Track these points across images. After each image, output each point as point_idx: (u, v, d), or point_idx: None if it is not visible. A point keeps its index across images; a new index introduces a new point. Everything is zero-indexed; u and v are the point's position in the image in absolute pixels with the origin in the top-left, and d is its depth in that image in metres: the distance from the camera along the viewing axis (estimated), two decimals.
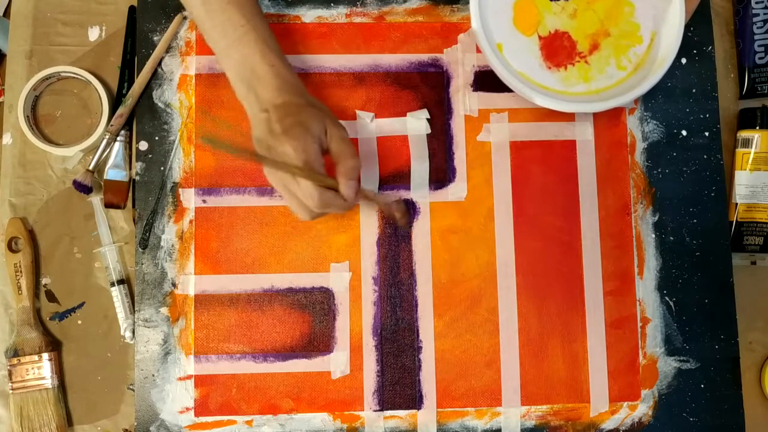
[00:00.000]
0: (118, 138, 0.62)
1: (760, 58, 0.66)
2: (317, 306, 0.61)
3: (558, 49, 0.61)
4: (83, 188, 0.61)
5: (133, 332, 0.60)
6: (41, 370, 0.60)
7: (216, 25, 0.55)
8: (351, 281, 0.61)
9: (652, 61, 0.60)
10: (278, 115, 0.53)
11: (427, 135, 0.63)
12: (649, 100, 0.64)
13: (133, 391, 0.60)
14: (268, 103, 0.54)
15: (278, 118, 0.53)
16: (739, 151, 0.65)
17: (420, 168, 0.63)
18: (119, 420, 0.61)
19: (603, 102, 0.59)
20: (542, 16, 0.61)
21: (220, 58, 0.56)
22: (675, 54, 0.59)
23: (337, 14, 0.64)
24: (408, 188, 0.63)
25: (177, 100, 0.63)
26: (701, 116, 0.64)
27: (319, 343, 0.61)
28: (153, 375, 0.60)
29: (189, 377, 0.60)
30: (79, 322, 0.62)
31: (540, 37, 0.61)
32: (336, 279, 0.61)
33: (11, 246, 0.61)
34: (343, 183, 0.53)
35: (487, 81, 0.64)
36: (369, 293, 0.61)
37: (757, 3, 0.66)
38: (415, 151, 0.63)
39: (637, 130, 0.64)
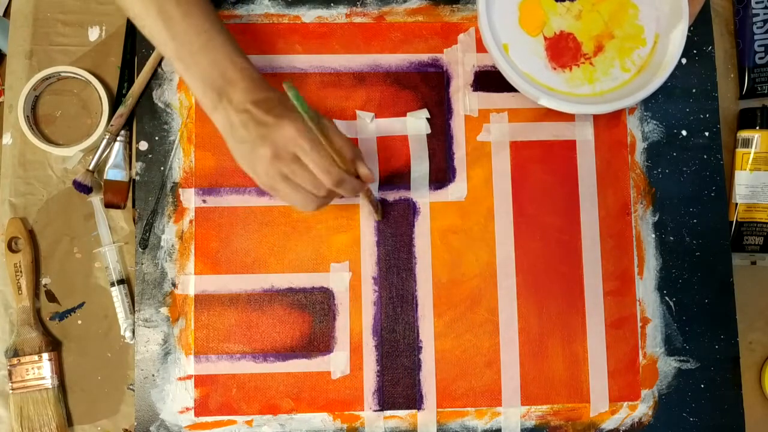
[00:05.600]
0: (118, 138, 0.62)
1: (760, 58, 0.66)
2: (317, 306, 0.61)
3: (563, 50, 0.61)
4: (83, 188, 0.61)
5: (133, 332, 0.60)
6: (41, 370, 0.60)
7: (177, 34, 0.52)
8: (351, 281, 0.61)
9: (656, 63, 0.60)
10: (265, 107, 0.51)
11: (427, 135, 0.63)
12: (649, 100, 0.64)
13: (133, 391, 0.60)
14: (247, 102, 0.51)
15: (266, 110, 0.51)
16: (739, 151, 0.65)
17: (420, 168, 0.63)
18: (119, 420, 0.61)
19: (608, 104, 0.59)
20: (548, 17, 0.61)
21: (184, 68, 0.53)
22: (678, 57, 0.59)
23: (337, 14, 0.64)
24: (408, 188, 0.63)
25: (177, 100, 0.63)
26: (701, 116, 0.64)
27: (319, 343, 0.61)
28: (153, 375, 0.60)
29: (189, 377, 0.60)
30: (79, 322, 0.62)
31: (545, 38, 0.61)
32: (336, 279, 0.61)
33: (11, 246, 0.61)
34: (360, 164, 0.53)
35: (487, 81, 0.64)
36: (369, 293, 0.61)
37: (757, 3, 0.66)
38: (415, 151, 0.63)
39: (637, 130, 0.64)
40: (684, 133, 0.64)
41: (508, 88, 0.62)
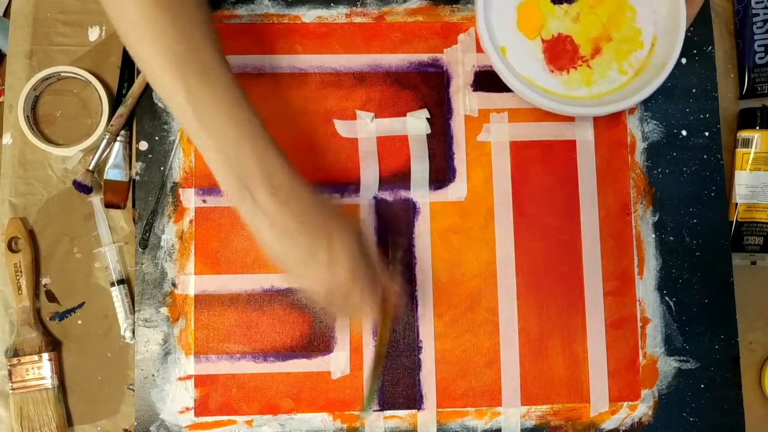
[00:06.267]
0: (118, 138, 0.62)
1: (760, 58, 0.66)
2: (317, 306, 0.61)
3: (561, 53, 0.61)
4: (83, 188, 0.61)
5: (133, 332, 0.60)
6: (41, 370, 0.60)
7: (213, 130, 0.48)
8: None
9: (653, 66, 0.60)
10: (310, 224, 0.49)
11: (427, 135, 0.63)
12: (649, 100, 0.64)
13: (133, 391, 0.60)
14: (294, 219, 0.49)
15: (313, 227, 0.49)
16: (739, 151, 0.65)
17: (420, 168, 0.63)
18: (119, 420, 0.61)
19: (605, 107, 0.59)
20: (545, 19, 0.61)
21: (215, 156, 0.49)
22: (675, 60, 0.59)
23: (337, 14, 0.64)
24: (408, 188, 0.63)
25: None
26: (701, 116, 0.64)
27: (319, 343, 0.60)
28: (153, 375, 0.60)
29: (189, 377, 0.60)
30: (79, 322, 0.62)
31: (543, 41, 0.61)
32: None
33: (11, 246, 0.61)
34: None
35: (487, 81, 0.64)
36: None
37: (757, 3, 0.66)
38: (415, 151, 0.63)
39: (637, 130, 0.64)
40: (684, 133, 0.64)
41: (508, 88, 0.62)
